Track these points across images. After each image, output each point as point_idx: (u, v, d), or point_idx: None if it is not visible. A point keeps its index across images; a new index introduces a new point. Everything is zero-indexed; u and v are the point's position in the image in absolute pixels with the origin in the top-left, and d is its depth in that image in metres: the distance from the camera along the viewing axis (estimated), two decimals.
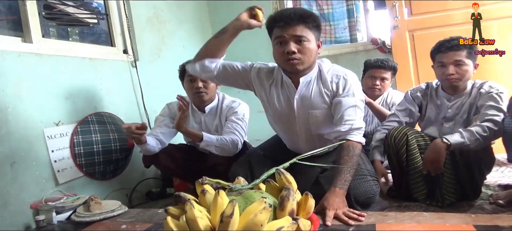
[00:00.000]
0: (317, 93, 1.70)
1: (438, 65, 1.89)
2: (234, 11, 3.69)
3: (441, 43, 1.89)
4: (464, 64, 1.81)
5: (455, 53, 1.81)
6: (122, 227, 1.64)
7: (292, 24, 1.59)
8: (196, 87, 2.21)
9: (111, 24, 2.77)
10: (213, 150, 2.09)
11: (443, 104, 1.94)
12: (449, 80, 1.84)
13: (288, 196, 1.12)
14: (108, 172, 2.35)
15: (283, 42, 1.63)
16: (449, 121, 1.91)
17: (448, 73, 1.82)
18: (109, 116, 2.44)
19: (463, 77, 1.83)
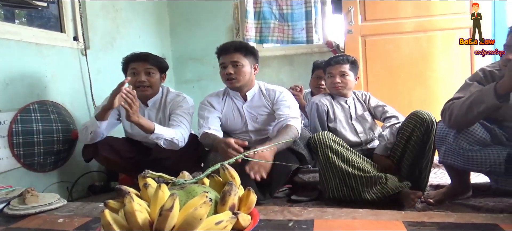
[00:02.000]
0: (260, 102, 2.19)
1: (328, 76, 2.27)
2: (193, 3, 3.71)
3: (330, 58, 2.32)
4: (347, 75, 2.22)
5: (341, 66, 2.22)
6: (59, 221, 1.57)
7: (229, 52, 2.09)
8: (139, 81, 2.16)
9: (62, 8, 2.64)
10: (162, 142, 2.04)
11: (344, 107, 2.30)
12: (336, 88, 2.23)
13: (229, 191, 1.12)
14: (49, 163, 2.23)
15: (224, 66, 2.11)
16: (354, 119, 2.28)
17: (335, 82, 2.21)
18: (53, 105, 2.32)
19: (346, 85, 2.24)
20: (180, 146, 2.09)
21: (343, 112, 2.29)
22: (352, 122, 2.27)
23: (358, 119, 2.28)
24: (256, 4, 3.60)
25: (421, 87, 3.05)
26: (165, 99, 2.28)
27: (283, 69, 3.56)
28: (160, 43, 3.62)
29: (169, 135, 2.04)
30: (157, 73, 2.24)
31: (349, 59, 2.26)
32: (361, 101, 2.34)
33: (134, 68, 2.17)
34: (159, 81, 2.27)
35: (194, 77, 3.79)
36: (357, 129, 2.26)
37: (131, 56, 2.23)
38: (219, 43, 3.66)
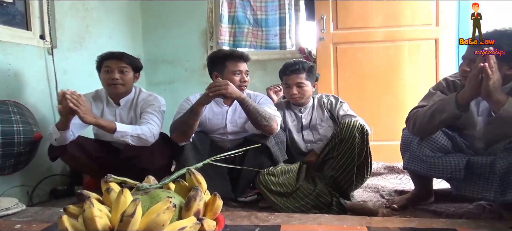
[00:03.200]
0: None
1: (285, 86, 2.26)
2: (167, 5, 3.66)
3: (286, 66, 2.26)
4: (304, 85, 2.20)
5: (297, 76, 2.18)
6: (16, 226, 1.51)
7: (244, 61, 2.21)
8: (112, 78, 2.16)
9: (28, 5, 2.54)
10: (129, 140, 2.00)
11: (297, 117, 2.30)
12: (293, 99, 2.24)
13: (195, 196, 1.11)
14: (8, 166, 2.13)
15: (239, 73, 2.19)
16: (306, 129, 2.28)
17: (292, 94, 2.20)
18: (14, 105, 2.22)
19: (304, 95, 2.23)
20: (150, 142, 2.07)
21: (295, 121, 2.32)
22: (303, 131, 2.29)
23: (311, 128, 2.29)
24: (231, 8, 3.60)
25: (389, 95, 3.13)
26: (137, 99, 2.28)
27: (256, 74, 3.56)
28: (132, 44, 3.55)
29: (134, 131, 2.02)
30: (130, 72, 2.24)
31: (305, 67, 2.22)
32: (324, 108, 2.31)
33: (108, 66, 2.17)
34: (132, 80, 2.27)
35: (166, 79, 3.74)
36: (306, 138, 2.27)
37: (106, 54, 2.22)
38: (192, 46, 3.71)
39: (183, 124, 1.99)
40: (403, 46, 3.11)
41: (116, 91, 2.21)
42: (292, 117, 2.33)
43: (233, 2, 3.58)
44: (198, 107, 1.99)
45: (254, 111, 1.98)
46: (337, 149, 1.98)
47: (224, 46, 3.53)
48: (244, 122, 2.22)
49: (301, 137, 2.29)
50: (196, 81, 3.62)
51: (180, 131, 2.01)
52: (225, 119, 2.23)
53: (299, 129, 2.30)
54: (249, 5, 3.60)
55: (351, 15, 3.19)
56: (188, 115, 1.99)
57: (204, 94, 1.99)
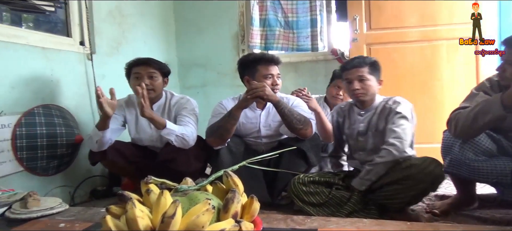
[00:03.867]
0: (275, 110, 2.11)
1: (346, 82, 2.02)
2: (199, 9, 3.72)
3: (347, 62, 2.06)
4: (367, 80, 1.94)
5: (358, 70, 1.95)
6: (61, 225, 1.56)
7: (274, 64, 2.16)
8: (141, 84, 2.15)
9: (69, 13, 2.65)
10: (173, 139, 2.04)
11: (356, 120, 2.06)
12: (355, 95, 1.97)
13: (232, 199, 1.11)
14: (51, 167, 2.23)
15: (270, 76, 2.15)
16: (362, 135, 2.01)
17: (353, 88, 1.95)
18: (57, 109, 2.32)
19: (367, 91, 1.95)
20: (190, 144, 2.09)
21: (355, 125, 2.09)
22: (359, 137, 2.04)
23: (367, 135, 2.01)
24: (262, 12, 3.61)
25: (426, 96, 3.03)
26: (169, 103, 2.30)
27: (287, 76, 3.55)
28: (166, 48, 3.63)
29: (179, 131, 2.05)
30: (159, 77, 2.25)
31: (367, 61, 1.99)
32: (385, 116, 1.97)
33: (137, 73, 2.19)
34: (162, 85, 2.28)
35: (199, 83, 3.80)
36: (361, 145, 2.04)
37: (134, 61, 2.25)
38: (224, 49, 3.74)
39: (221, 128, 2.01)
40: (440, 46, 3.00)
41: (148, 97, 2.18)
42: (351, 121, 2.11)
43: (264, 4, 3.59)
44: (236, 112, 2.00)
45: (289, 115, 1.98)
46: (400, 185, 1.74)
47: (255, 49, 3.54)
48: (278, 125, 2.21)
49: (356, 143, 2.06)
50: (228, 85, 3.65)
51: (217, 135, 2.03)
52: (259, 123, 2.22)
53: (354, 134, 2.07)
54: (280, 7, 3.59)
55: (385, 15, 3.11)
56: (226, 119, 2.01)
57: (243, 98, 2.00)
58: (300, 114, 2.03)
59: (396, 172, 1.76)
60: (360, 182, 1.85)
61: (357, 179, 1.87)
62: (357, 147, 2.04)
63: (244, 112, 2.21)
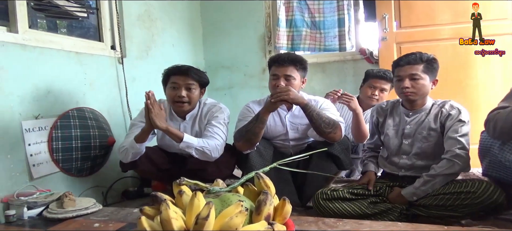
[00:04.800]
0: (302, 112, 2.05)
1: (396, 79, 1.89)
2: (226, 12, 3.75)
3: (401, 57, 1.91)
4: (420, 78, 1.81)
5: (412, 67, 1.82)
6: (95, 225, 1.60)
7: (284, 65, 2.07)
8: (179, 96, 2.11)
9: (100, 18, 2.73)
10: (193, 152, 2.00)
11: (402, 120, 1.93)
12: (404, 93, 1.84)
13: (265, 201, 1.10)
14: (85, 168, 2.29)
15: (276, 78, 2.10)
16: (408, 138, 1.89)
17: (404, 86, 1.82)
18: (91, 112, 2.39)
19: (419, 91, 1.82)
20: (213, 157, 2.04)
21: (398, 126, 1.94)
22: (404, 139, 1.90)
23: (414, 138, 1.87)
24: (288, 12, 3.59)
25: (460, 96, 2.90)
26: (202, 111, 2.23)
27: (315, 77, 3.52)
28: (193, 51, 3.68)
29: (199, 144, 2.00)
30: (197, 88, 2.17)
31: (423, 58, 1.83)
32: (438, 119, 1.83)
33: (175, 82, 2.12)
34: (198, 97, 2.20)
35: (226, 85, 3.82)
36: (404, 148, 1.90)
37: (173, 69, 2.17)
38: (251, 51, 3.75)
39: (249, 133, 1.99)
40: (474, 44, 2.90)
41: (182, 109, 2.16)
42: (395, 121, 1.98)
43: (291, 5, 3.57)
44: (264, 115, 1.98)
45: (317, 118, 1.94)
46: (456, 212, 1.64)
47: (282, 50, 3.52)
48: (306, 128, 2.18)
49: (398, 146, 1.93)
50: (255, 86, 3.66)
51: (245, 140, 2.01)
52: (286, 126, 2.20)
53: (397, 135, 1.94)
54: (307, 7, 3.57)
55: (415, 12, 3.03)
56: (254, 123, 1.99)
57: (268, 101, 1.99)
58: (328, 117, 1.98)
59: (453, 196, 1.64)
60: (412, 192, 1.73)
61: (410, 188, 1.75)
62: (399, 150, 1.92)
63: (272, 115, 2.18)
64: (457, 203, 1.61)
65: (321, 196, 1.84)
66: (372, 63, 3.34)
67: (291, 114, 2.21)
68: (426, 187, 1.71)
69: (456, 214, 1.63)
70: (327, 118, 1.97)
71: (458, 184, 1.66)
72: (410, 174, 1.86)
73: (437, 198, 1.67)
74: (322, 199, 1.82)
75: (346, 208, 1.78)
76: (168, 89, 2.17)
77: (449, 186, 1.67)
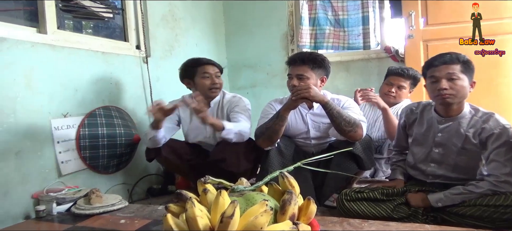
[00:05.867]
0: None
1: (430, 81, 1.73)
2: (249, 11, 3.75)
3: (434, 57, 1.75)
4: (458, 79, 1.65)
5: (448, 67, 1.67)
6: (121, 222, 1.63)
7: (296, 64, 2.06)
8: (213, 83, 2.29)
9: (126, 19, 2.78)
10: (232, 136, 2.10)
11: (433, 126, 1.79)
12: (441, 96, 1.67)
13: (290, 200, 1.09)
14: (111, 166, 2.34)
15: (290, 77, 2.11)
16: (438, 146, 1.76)
17: (440, 88, 1.66)
18: (116, 110, 2.44)
19: (458, 93, 1.66)
20: (246, 138, 2.16)
21: (428, 133, 1.81)
22: (434, 148, 1.78)
23: (444, 147, 1.75)
24: (311, 10, 3.56)
25: (492, 95, 2.81)
26: (223, 100, 2.38)
27: (338, 75, 3.47)
28: (216, 50, 3.70)
29: (237, 128, 2.11)
30: (221, 77, 2.37)
31: (460, 58, 1.68)
32: (479, 137, 1.66)
33: (207, 72, 2.29)
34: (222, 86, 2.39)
35: (248, 83, 3.82)
36: (433, 157, 1.79)
37: (200, 60, 2.33)
38: (273, 50, 3.74)
39: (269, 130, 2.00)
40: (506, 41, 2.76)
41: (215, 95, 2.34)
42: (425, 126, 1.84)
43: (314, 3, 3.54)
44: (284, 113, 1.98)
45: (338, 116, 1.91)
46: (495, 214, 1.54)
47: (305, 48, 3.49)
48: (327, 127, 2.15)
49: (427, 153, 1.80)
50: (277, 85, 3.64)
51: (265, 137, 2.02)
52: (308, 124, 2.19)
53: (427, 142, 1.81)
54: (330, 6, 3.52)
55: (443, 9, 2.94)
56: (274, 120, 1.99)
57: (289, 99, 1.98)
58: (349, 116, 1.94)
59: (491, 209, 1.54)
60: (439, 198, 1.65)
61: (439, 195, 1.66)
62: (427, 158, 1.81)
63: (293, 113, 2.18)
64: (495, 216, 1.51)
65: (344, 197, 1.78)
66: (398, 62, 3.26)
67: (313, 112, 2.19)
68: (458, 197, 1.62)
69: (491, 226, 1.54)
70: (347, 116, 1.93)
71: (499, 197, 1.55)
72: (439, 181, 1.77)
73: (474, 209, 1.57)
74: (346, 200, 1.77)
75: (370, 209, 1.73)
76: (200, 79, 2.29)
77: (489, 198, 1.56)
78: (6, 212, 1.82)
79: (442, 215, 1.67)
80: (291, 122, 2.20)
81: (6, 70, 1.85)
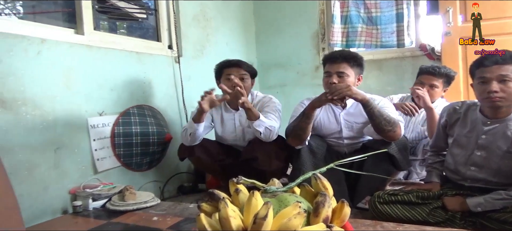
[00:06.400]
0: (358, 111, 2.06)
1: (479, 81, 1.61)
2: (279, 9, 3.73)
3: (485, 57, 1.63)
4: (511, 81, 1.54)
5: (500, 68, 1.54)
6: (154, 219, 1.66)
7: (336, 61, 2.04)
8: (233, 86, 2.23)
9: (159, 19, 2.83)
10: (262, 130, 2.10)
11: (476, 128, 1.69)
12: (491, 99, 1.56)
13: (323, 202, 1.07)
14: (144, 163, 2.39)
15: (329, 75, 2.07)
16: (481, 149, 1.66)
17: (490, 90, 1.55)
18: (149, 109, 2.49)
19: (509, 96, 1.55)
20: (274, 136, 2.14)
21: (470, 134, 1.72)
22: (476, 151, 1.68)
23: (487, 150, 1.65)
24: (343, 8, 3.49)
25: None
26: (253, 102, 2.36)
27: (370, 74, 3.39)
28: (246, 49, 3.70)
29: (268, 123, 2.12)
30: (249, 79, 2.34)
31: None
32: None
33: (230, 74, 2.27)
34: (250, 87, 2.37)
35: (278, 83, 3.80)
36: (474, 160, 1.69)
37: (225, 62, 2.34)
38: (304, 48, 3.71)
39: (296, 128, 1.98)
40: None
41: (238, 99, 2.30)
42: (468, 127, 1.74)
43: (346, 1, 3.47)
44: (310, 111, 1.95)
45: (378, 115, 1.87)
46: None
47: (336, 47, 3.43)
48: (361, 126, 2.11)
49: (468, 156, 1.72)
50: (308, 84, 3.61)
51: (294, 135, 2.01)
52: (340, 123, 2.15)
53: (469, 145, 1.72)
54: (363, 3, 3.45)
55: (483, 4, 2.80)
56: (301, 118, 1.97)
57: (319, 98, 1.95)
58: (389, 115, 1.91)
59: None
60: (479, 203, 1.58)
61: (478, 199, 1.59)
62: (468, 161, 1.71)
63: (326, 112, 2.16)
64: None
65: (378, 199, 1.73)
66: (434, 60, 3.15)
67: (346, 112, 2.15)
68: (499, 203, 1.54)
69: None
70: (387, 115, 1.89)
71: None
72: (479, 186, 1.68)
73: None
74: (379, 202, 1.72)
75: (405, 213, 1.67)
76: (223, 81, 2.30)
77: None
78: (46, 206, 1.89)
79: (482, 221, 1.59)
80: (324, 121, 2.17)
81: (47, 70, 1.93)
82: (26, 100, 1.83)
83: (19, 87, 1.81)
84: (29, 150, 1.83)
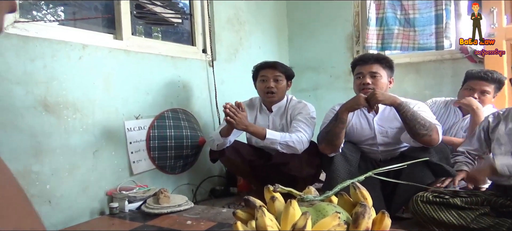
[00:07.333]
0: (393, 115, 2.01)
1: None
2: (313, 11, 3.69)
3: None
4: None
5: None
6: (188, 222, 1.67)
7: (369, 62, 2.03)
8: (267, 87, 2.28)
9: (193, 23, 2.85)
10: (278, 147, 2.09)
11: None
12: None
13: (363, 213, 1.03)
14: (178, 166, 2.42)
15: (361, 76, 2.05)
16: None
17: None
18: (183, 112, 2.51)
19: None
20: (299, 150, 2.11)
21: None
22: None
23: None
24: (379, 10, 3.40)
25: None
26: (288, 106, 2.35)
27: (407, 78, 3.28)
28: (279, 52, 3.68)
29: (283, 139, 2.09)
30: (284, 80, 2.34)
31: None
32: None
33: (264, 75, 2.31)
34: (285, 89, 2.36)
35: (310, 86, 3.75)
36: None
37: (261, 64, 2.38)
38: (337, 51, 3.64)
39: (329, 133, 1.93)
40: None
41: (271, 99, 2.33)
42: (510, 125, 1.71)
43: (382, 3, 3.38)
44: (342, 114, 1.90)
45: (412, 119, 1.80)
46: None
47: (371, 50, 3.35)
48: (396, 132, 2.03)
49: (508, 160, 1.64)
50: (341, 88, 3.54)
51: (326, 141, 1.96)
52: (374, 129, 2.08)
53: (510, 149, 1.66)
54: (400, 4, 3.34)
55: None
56: (334, 123, 1.92)
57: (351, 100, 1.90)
58: (424, 118, 1.83)
59: None
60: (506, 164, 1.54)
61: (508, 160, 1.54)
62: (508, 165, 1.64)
63: (359, 118, 2.10)
64: None
65: (421, 199, 1.68)
66: (475, 63, 2.99)
67: (380, 117, 2.08)
68: None
69: None
70: (422, 119, 1.81)
71: None
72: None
73: None
74: (422, 201, 1.67)
75: (447, 216, 1.61)
76: (258, 83, 2.34)
77: None
78: (85, 207, 1.95)
79: None
80: (357, 127, 2.11)
81: (87, 75, 1.99)
82: (67, 104, 1.89)
83: (62, 91, 1.87)
84: (70, 152, 1.89)
